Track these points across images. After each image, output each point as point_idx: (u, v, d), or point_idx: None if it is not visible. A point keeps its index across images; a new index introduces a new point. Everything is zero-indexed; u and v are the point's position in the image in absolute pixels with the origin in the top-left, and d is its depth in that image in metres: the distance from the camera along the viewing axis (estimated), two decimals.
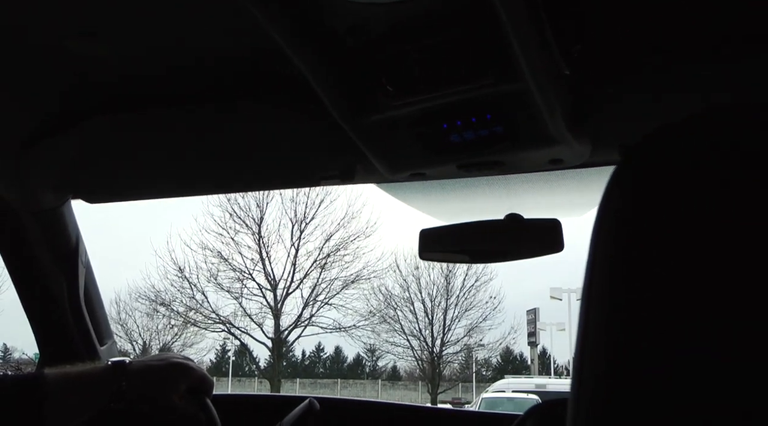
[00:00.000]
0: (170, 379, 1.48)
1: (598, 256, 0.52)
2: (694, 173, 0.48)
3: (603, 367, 0.50)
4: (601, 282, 0.51)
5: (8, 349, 39.42)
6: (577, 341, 0.52)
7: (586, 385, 0.51)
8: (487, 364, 41.68)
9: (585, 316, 0.52)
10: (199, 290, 29.65)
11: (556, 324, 37.30)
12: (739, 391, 0.43)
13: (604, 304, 0.51)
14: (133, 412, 1.49)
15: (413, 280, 32.15)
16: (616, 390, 0.48)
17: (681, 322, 0.46)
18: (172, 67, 1.45)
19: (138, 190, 2.02)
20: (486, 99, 1.27)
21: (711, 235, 0.46)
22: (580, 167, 1.53)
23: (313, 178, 1.80)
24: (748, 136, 0.48)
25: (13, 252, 2.01)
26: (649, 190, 0.50)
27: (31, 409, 1.40)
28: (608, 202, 0.53)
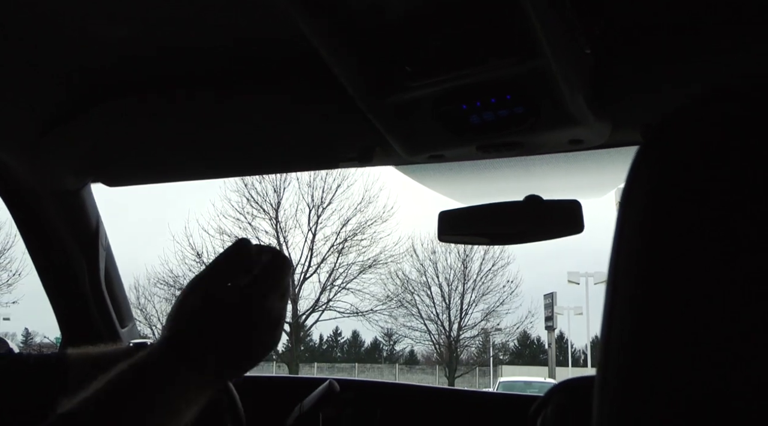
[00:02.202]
0: None
1: (625, 237, 0.52)
2: (724, 149, 0.48)
3: (630, 348, 0.49)
4: (628, 262, 0.51)
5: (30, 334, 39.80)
6: (603, 323, 0.52)
7: (612, 365, 0.51)
8: (504, 348, 41.68)
9: (611, 297, 0.52)
10: None
11: (574, 308, 37.23)
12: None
13: (632, 285, 0.50)
14: None
15: (430, 264, 32.20)
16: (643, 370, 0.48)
17: (712, 304, 0.45)
18: (191, 49, 1.44)
19: (157, 173, 2.03)
20: (506, 79, 1.26)
21: (743, 213, 0.45)
22: (600, 148, 1.52)
23: (332, 161, 1.80)
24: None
25: (34, 235, 2.03)
26: (677, 168, 0.49)
27: (55, 389, 1.41)
28: (634, 181, 0.52)
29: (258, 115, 1.61)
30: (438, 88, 1.31)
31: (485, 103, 1.32)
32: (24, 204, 1.97)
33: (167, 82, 1.54)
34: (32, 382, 1.39)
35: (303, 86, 1.49)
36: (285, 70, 1.48)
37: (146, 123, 1.68)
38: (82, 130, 1.69)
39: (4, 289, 25.81)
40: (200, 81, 1.53)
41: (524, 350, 50.18)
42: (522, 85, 1.26)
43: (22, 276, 25.41)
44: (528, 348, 50.84)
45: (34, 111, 1.64)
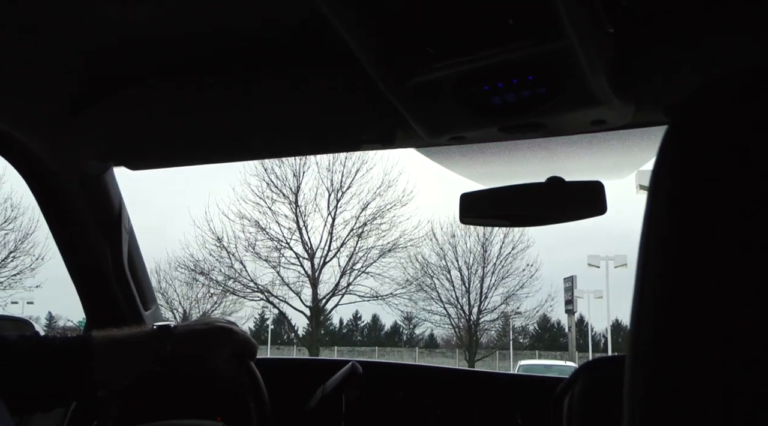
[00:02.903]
0: (214, 343, 1.50)
1: (655, 217, 0.52)
2: (751, 127, 0.47)
3: (660, 325, 0.49)
4: (658, 241, 0.51)
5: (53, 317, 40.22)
6: (634, 301, 0.52)
7: (643, 343, 0.51)
8: (524, 332, 41.67)
9: (642, 276, 0.52)
10: (237, 259, 29.98)
11: (594, 291, 37.13)
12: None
13: (662, 264, 0.50)
14: (178, 375, 1.52)
15: (450, 248, 32.21)
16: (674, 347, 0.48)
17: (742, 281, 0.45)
18: (213, 32, 1.45)
19: (179, 156, 2.04)
20: (528, 60, 1.25)
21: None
22: (623, 128, 1.51)
23: (353, 143, 1.80)
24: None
25: (58, 219, 2.04)
26: (705, 146, 0.49)
27: (81, 370, 1.42)
28: (663, 161, 0.52)
29: (280, 98, 1.62)
30: (460, 69, 1.30)
31: (507, 84, 1.32)
32: (48, 188, 1.98)
33: (190, 66, 1.54)
34: (58, 364, 1.41)
35: (324, 69, 1.49)
36: (307, 53, 1.48)
37: (169, 107, 1.69)
38: (105, 115, 1.70)
39: (27, 273, 26.06)
40: (223, 65, 1.53)
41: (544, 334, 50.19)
42: (544, 66, 1.26)
43: (45, 260, 25.66)
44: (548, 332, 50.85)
45: (58, 96, 1.65)
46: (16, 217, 25.52)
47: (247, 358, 1.53)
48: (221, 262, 30.17)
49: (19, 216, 25.64)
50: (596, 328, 45.53)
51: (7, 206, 25.86)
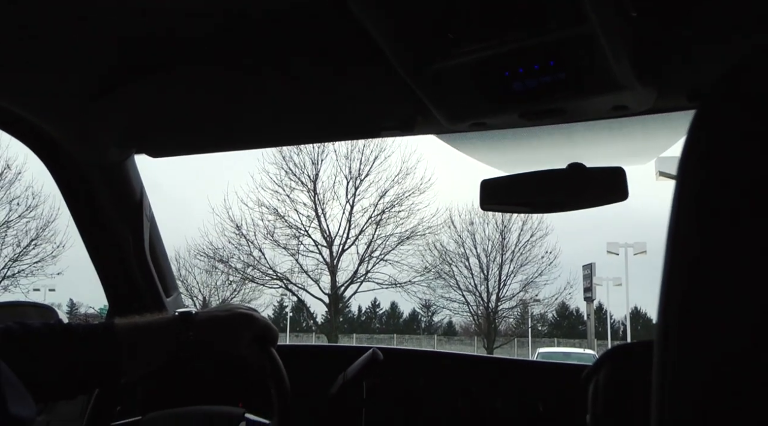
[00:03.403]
0: (236, 329, 1.50)
1: (684, 201, 0.51)
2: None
3: (690, 307, 0.49)
4: (687, 225, 0.51)
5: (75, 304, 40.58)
6: (662, 284, 0.52)
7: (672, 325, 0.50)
8: (542, 320, 41.71)
9: (670, 261, 0.51)
10: (256, 247, 30.15)
11: (613, 279, 37.08)
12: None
13: (691, 248, 0.50)
14: (199, 361, 1.53)
15: (468, 235, 32.22)
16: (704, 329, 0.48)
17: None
18: (234, 19, 1.45)
19: (199, 144, 2.04)
20: (549, 45, 1.24)
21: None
22: (645, 114, 1.50)
23: (373, 130, 1.79)
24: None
25: (80, 206, 2.06)
26: (738, 128, 0.49)
27: (104, 357, 1.43)
28: (692, 145, 0.51)
29: (300, 85, 1.61)
30: (480, 54, 1.30)
31: (528, 70, 1.31)
32: (70, 176, 1.99)
33: (210, 53, 1.55)
34: (81, 351, 1.42)
35: (344, 55, 1.49)
36: (326, 39, 1.48)
37: (189, 94, 1.69)
38: (126, 102, 1.71)
39: (48, 260, 26.31)
40: (243, 52, 1.53)
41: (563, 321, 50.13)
42: (566, 51, 1.25)
43: (66, 248, 25.88)
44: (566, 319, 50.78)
45: (79, 84, 1.66)
46: (37, 205, 25.77)
47: (268, 344, 1.54)
48: (240, 250, 30.37)
49: (41, 204, 25.89)
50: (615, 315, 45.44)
51: (28, 194, 26.10)
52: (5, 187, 25.49)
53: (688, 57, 1.33)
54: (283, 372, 1.52)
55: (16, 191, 25.72)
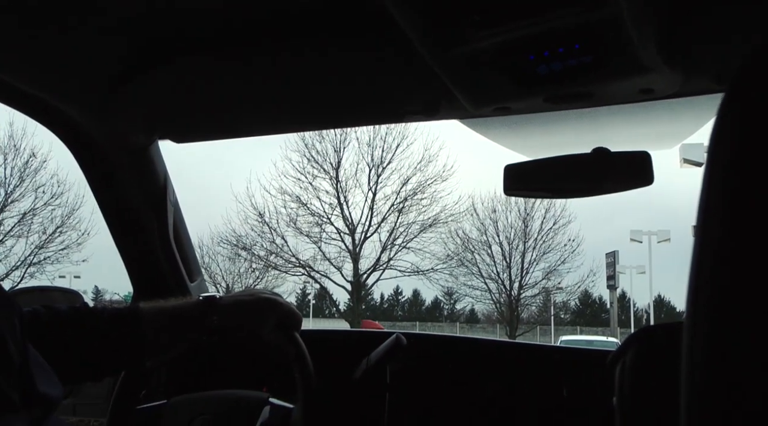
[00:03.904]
0: (260, 314, 1.51)
1: (713, 186, 0.51)
2: None
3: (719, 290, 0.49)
4: (717, 208, 0.50)
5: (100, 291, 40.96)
6: (692, 268, 0.51)
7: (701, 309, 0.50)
8: (565, 307, 41.55)
9: (700, 245, 0.51)
10: (278, 235, 30.26)
11: (636, 267, 36.90)
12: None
13: (721, 231, 0.50)
14: (224, 346, 1.53)
15: (491, 223, 32.15)
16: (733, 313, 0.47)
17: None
18: (257, 5, 1.44)
19: (224, 129, 2.05)
20: (574, 27, 1.23)
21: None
22: (671, 97, 1.49)
23: (397, 114, 1.79)
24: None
25: (106, 191, 2.07)
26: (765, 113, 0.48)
27: (129, 340, 1.45)
28: (721, 129, 0.51)
29: (323, 70, 1.61)
30: (505, 38, 1.28)
31: (553, 53, 1.30)
32: (95, 162, 2.00)
33: (233, 38, 1.55)
34: (107, 335, 1.43)
35: (368, 40, 1.48)
36: (349, 23, 1.47)
37: (213, 79, 1.69)
38: (150, 88, 1.71)
39: (74, 248, 26.57)
40: (266, 36, 1.53)
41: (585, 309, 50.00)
42: (591, 34, 1.23)
43: (90, 235, 26.11)
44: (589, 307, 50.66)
45: (104, 69, 1.66)
46: (62, 192, 25.99)
47: (292, 328, 1.55)
48: (263, 237, 30.49)
49: (66, 192, 26.11)
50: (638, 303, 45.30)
51: (53, 182, 26.35)
52: (31, 175, 25.75)
53: (715, 39, 1.31)
54: (307, 357, 1.52)
55: (41, 179, 25.99)
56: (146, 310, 1.48)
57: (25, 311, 1.19)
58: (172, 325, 1.49)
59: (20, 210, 25.83)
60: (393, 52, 1.46)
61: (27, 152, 25.61)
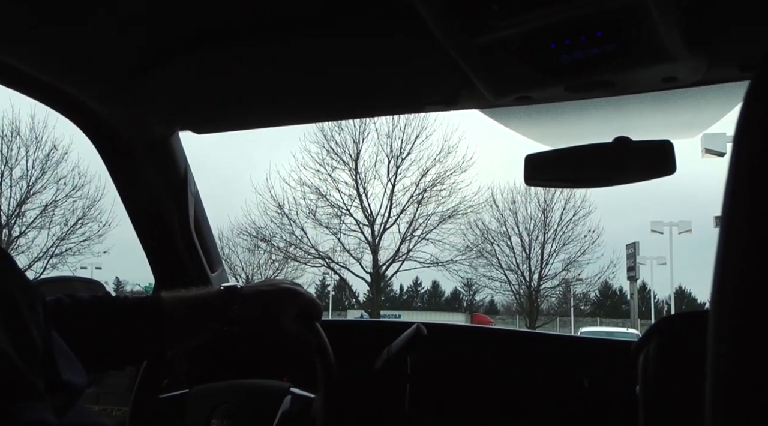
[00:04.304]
0: (281, 304, 1.51)
1: (740, 174, 0.50)
2: None
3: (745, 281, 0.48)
4: (744, 195, 0.50)
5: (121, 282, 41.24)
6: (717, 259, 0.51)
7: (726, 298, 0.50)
8: (585, 299, 41.43)
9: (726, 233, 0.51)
10: (298, 226, 30.35)
11: (657, 258, 36.70)
12: None
13: (748, 219, 0.49)
14: (245, 336, 1.54)
15: (510, 214, 32.10)
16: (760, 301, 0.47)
17: None
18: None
19: (243, 119, 2.05)
20: (596, 15, 1.22)
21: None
22: (695, 86, 1.47)
23: (417, 104, 1.78)
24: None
25: (127, 183, 2.08)
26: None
27: (151, 329, 1.46)
28: (748, 117, 0.50)
29: (343, 60, 1.61)
30: (526, 26, 1.28)
31: (575, 42, 1.29)
32: (117, 153, 2.02)
33: (253, 28, 1.55)
34: (130, 324, 1.44)
35: (388, 29, 1.48)
36: (369, 12, 1.47)
37: (232, 70, 1.69)
38: (170, 79, 1.72)
39: (95, 239, 26.77)
40: (285, 27, 1.53)
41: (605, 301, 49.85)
42: (614, 21, 1.22)
43: (111, 227, 26.29)
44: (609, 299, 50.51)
45: (124, 60, 1.67)
46: (83, 184, 26.16)
47: (313, 318, 1.55)
48: (282, 229, 30.59)
49: (86, 183, 26.29)
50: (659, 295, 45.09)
51: (74, 174, 26.54)
52: (52, 167, 25.95)
53: (739, 26, 1.30)
54: (327, 347, 1.52)
55: (62, 171, 26.19)
56: (168, 299, 1.49)
57: (48, 300, 1.20)
58: (193, 315, 1.49)
59: (42, 202, 26.07)
60: (413, 41, 1.46)
61: (48, 144, 25.83)
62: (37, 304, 1.06)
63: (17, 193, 25.88)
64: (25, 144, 25.74)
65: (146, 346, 1.50)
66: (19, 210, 25.89)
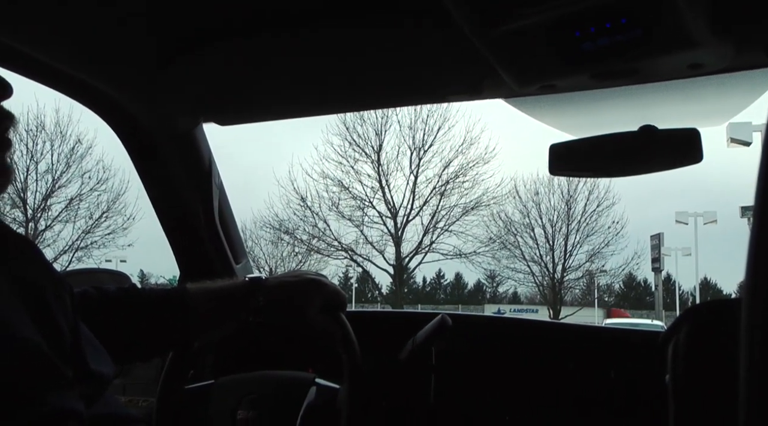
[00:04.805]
0: (305, 295, 1.52)
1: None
2: None
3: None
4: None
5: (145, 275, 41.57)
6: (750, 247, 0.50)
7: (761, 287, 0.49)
8: (609, 290, 41.26)
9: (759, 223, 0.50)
10: (321, 218, 30.44)
11: (682, 249, 36.50)
12: None
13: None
14: (270, 327, 1.54)
15: (533, 205, 32.04)
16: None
17: None
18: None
19: (267, 110, 2.05)
20: (622, 2, 1.21)
21: None
22: (721, 72, 1.46)
23: (441, 94, 1.78)
24: None
25: (152, 175, 2.09)
26: None
27: (177, 321, 1.46)
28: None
29: (366, 50, 1.61)
30: (550, 14, 1.27)
31: (600, 29, 1.28)
32: (142, 146, 2.03)
33: (276, 19, 1.54)
34: (156, 315, 1.45)
35: (411, 18, 1.47)
36: (393, 2, 1.46)
37: (255, 61, 1.69)
38: (194, 70, 1.72)
39: (119, 232, 27.01)
40: (308, 17, 1.53)
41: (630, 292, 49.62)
42: (639, 8, 1.21)
43: (135, 220, 26.50)
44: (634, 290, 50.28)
45: (148, 52, 1.67)
46: (108, 178, 26.39)
47: (338, 309, 1.55)
48: (305, 221, 30.70)
49: (111, 177, 26.51)
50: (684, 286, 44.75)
51: (99, 168, 26.76)
52: (77, 161, 26.19)
53: (766, 11, 1.28)
54: (352, 337, 1.53)
55: (87, 165, 26.42)
56: (194, 291, 1.50)
57: (75, 292, 1.21)
58: (218, 306, 1.50)
59: (67, 195, 26.36)
60: (437, 30, 1.45)
61: (73, 138, 26.07)
62: (65, 296, 1.07)
63: (43, 187, 26.18)
64: (50, 138, 26.03)
65: (172, 338, 1.51)
66: (44, 204, 26.19)
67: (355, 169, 30.60)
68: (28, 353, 0.88)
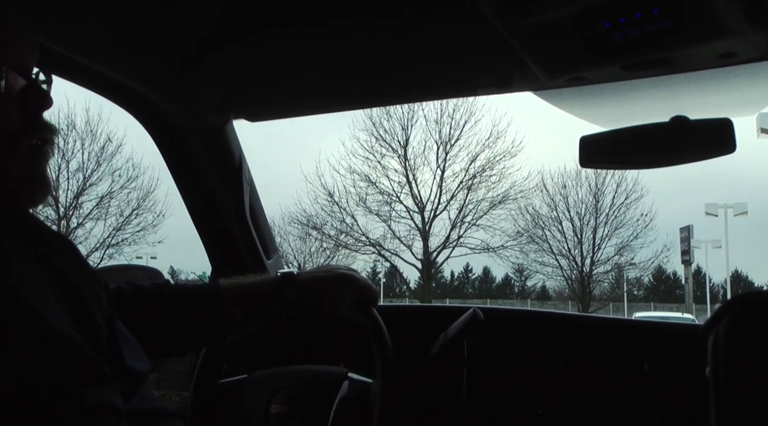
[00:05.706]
0: (337, 289, 1.52)
1: None
2: None
3: None
4: None
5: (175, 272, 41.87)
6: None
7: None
8: (638, 284, 40.88)
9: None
10: (348, 214, 30.38)
11: (712, 241, 36.07)
12: None
13: None
14: (302, 321, 1.55)
15: (561, 199, 31.76)
16: None
17: None
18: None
19: (296, 106, 2.06)
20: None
21: None
22: (754, 61, 1.44)
23: (470, 87, 1.78)
24: None
25: (183, 172, 2.11)
26: None
27: (210, 316, 1.48)
28: None
29: (395, 45, 1.61)
30: (579, 5, 1.26)
31: (630, 19, 1.27)
32: (173, 143, 2.04)
33: (305, 14, 1.55)
34: (189, 310, 1.46)
35: (440, 12, 1.47)
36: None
37: (285, 57, 1.70)
38: (224, 66, 1.73)
39: (150, 229, 27.19)
40: (338, 12, 1.53)
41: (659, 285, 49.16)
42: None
43: (165, 217, 26.67)
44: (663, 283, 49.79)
45: (177, 50, 1.68)
46: (137, 176, 26.57)
47: (369, 304, 1.56)
48: (333, 217, 30.67)
49: (141, 175, 26.70)
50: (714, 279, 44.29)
51: (129, 166, 26.96)
52: (107, 159, 26.40)
53: None
54: (384, 332, 1.53)
55: (117, 163, 26.62)
56: (226, 286, 1.51)
57: (110, 288, 1.22)
58: (251, 301, 1.51)
59: (98, 194, 26.52)
60: (466, 24, 1.45)
61: (103, 137, 26.25)
62: (101, 292, 1.08)
63: (74, 185, 26.39)
64: (81, 137, 26.20)
65: (206, 333, 1.52)
66: (76, 202, 26.39)
67: (382, 164, 30.52)
68: (67, 349, 0.89)
